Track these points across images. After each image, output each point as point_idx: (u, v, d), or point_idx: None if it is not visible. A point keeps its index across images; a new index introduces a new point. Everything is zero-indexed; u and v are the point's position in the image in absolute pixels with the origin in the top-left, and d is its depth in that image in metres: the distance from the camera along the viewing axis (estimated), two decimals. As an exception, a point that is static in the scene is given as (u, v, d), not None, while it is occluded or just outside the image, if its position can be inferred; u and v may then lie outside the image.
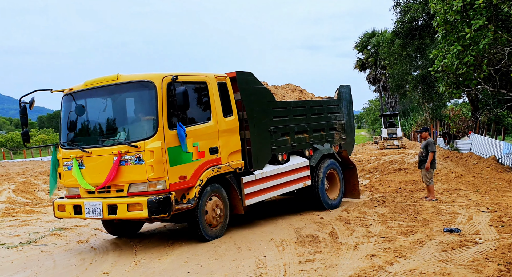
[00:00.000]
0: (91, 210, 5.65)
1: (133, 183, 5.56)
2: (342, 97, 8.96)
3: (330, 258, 5.15)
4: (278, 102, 7.41)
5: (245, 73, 6.83)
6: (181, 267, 5.09)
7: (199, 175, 5.89)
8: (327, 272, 4.65)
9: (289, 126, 7.55)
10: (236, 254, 5.51)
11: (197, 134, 5.93)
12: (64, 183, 6.16)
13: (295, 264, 4.98)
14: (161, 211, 5.37)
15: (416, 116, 33.12)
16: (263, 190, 6.89)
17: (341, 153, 8.59)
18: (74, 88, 6.16)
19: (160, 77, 5.61)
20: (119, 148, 5.55)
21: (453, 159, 14.74)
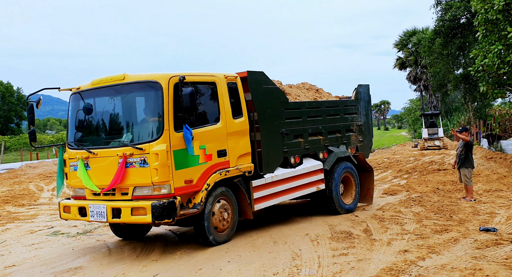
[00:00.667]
0: (96, 213, 5.52)
1: (138, 187, 5.39)
2: (360, 97, 8.57)
3: (363, 252, 5.36)
4: (291, 102, 7.14)
5: (257, 73, 6.61)
6: (222, 257, 5.48)
7: (206, 179, 5.68)
8: (359, 265, 4.87)
9: (303, 127, 7.25)
10: (273, 247, 5.83)
11: (205, 136, 5.72)
12: (70, 184, 6.04)
13: (329, 257, 5.23)
14: (165, 216, 5.20)
15: (459, 116, 32.04)
16: (273, 194, 6.66)
17: (358, 155, 8.24)
18: (82, 87, 6.02)
19: (167, 77, 5.41)
20: (124, 150, 5.37)
21: (496, 160, 14.32)
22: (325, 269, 4.83)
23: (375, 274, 4.54)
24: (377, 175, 13.17)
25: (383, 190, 10.22)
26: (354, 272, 4.67)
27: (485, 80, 10.17)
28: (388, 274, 4.54)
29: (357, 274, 4.61)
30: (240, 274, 4.79)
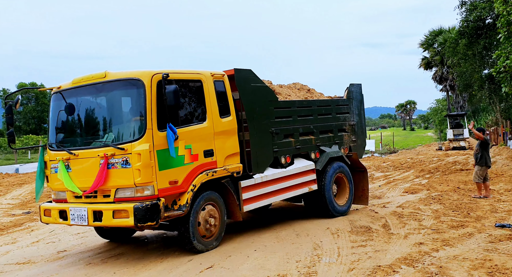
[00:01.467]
0: (76, 216, 5.31)
1: (120, 188, 5.16)
2: (352, 96, 8.41)
3: (381, 244, 5.72)
4: (281, 101, 6.98)
5: (244, 70, 6.42)
6: (249, 246, 5.95)
7: (192, 180, 5.46)
8: (376, 255, 5.26)
9: (293, 127, 7.10)
10: (295, 239, 6.27)
11: (190, 135, 5.51)
12: (51, 187, 5.83)
13: (348, 248, 5.63)
14: (148, 219, 4.99)
15: (486, 116, 31.46)
16: (263, 195, 6.49)
17: (351, 155, 8.09)
18: (63, 86, 5.79)
19: (150, 75, 5.21)
20: (105, 150, 5.16)
21: (521, 160, 14.25)
22: (344, 258, 5.23)
23: (391, 263, 4.91)
24: (399, 174, 13.38)
25: (403, 189, 10.47)
26: (371, 260, 5.06)
27: (507, 81, 10.27)
28: (403, 262, 4.90)
29: (373, 262, 4.99)
30: (266, 261, 5.25)
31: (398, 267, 4.76)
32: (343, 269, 4.83)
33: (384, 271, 4.66)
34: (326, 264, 5.03)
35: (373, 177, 13.15)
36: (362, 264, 4.93)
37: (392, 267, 4.78)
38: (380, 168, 15.46)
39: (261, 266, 5.08)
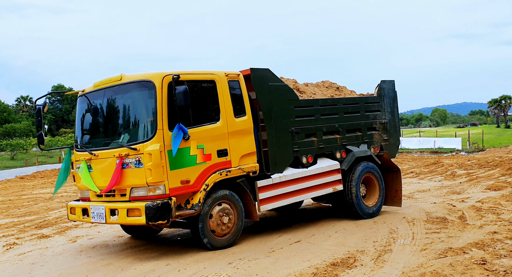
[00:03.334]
0: (96, 214, 5.53)
1: (135, 187, 5.32)
2: (383, 93, 8.09)
3: (454, 232, 6.14)
4: (302, 100, 6.87)
5: (261, 70, 6.38)
6: (330, 229, 6.72)
7: (205, 179, 5.52)
8: (449, 240, 5.72)
9: (316, 126, 6.96)
10: (373, 225, 6.90)
11: (203, 135, 5.56)
12: (77, 186, 6.10)
13: (422, 234, 6.15)
14: (159, 218, 5.11)
15: None
16: (282, 195, 6.44)
17: (382, 155, 7.86)
18: (86, 90, 6.05)
19: (161, 76, 5.33)
20: (120, 150, 5.35)
21: None
22: (418, 240, 5.78)
23: (462, 246, 5.37)
24: (483, 172, 13.05)
25: (486, 186, 10.37)
26: (443, 244, 5.55)
27: None
28: (474, 246, 5.33)
29: (445, 245, 5.48)
30: (345, 240, 6.00)
31: (468, 250, 5.21)
32: (416, 249, 5.40)
33: (454, 252, 5.15)
34: (400, 244, 5.64)
35: (455, 175, 13.03)
36: (434, 246, 5.45)
37: (463, 249, 5.23)
38: (463, 166, 15.09)
39: (342, 243, 5.84)
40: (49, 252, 6.26)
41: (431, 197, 9.24)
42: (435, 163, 16.56)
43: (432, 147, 27.92)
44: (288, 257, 5.33)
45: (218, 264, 5.16)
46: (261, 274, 4.73)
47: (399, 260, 5.01)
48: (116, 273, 5.10)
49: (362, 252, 5.39)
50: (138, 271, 5.12)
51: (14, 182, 16.67)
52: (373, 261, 5.02)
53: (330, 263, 4.95)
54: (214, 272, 4.86)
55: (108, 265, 5.46)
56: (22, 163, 26.31)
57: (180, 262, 5.34)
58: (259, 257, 5.37)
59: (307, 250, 5.57)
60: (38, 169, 19.72)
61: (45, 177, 17.86)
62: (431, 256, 5.03)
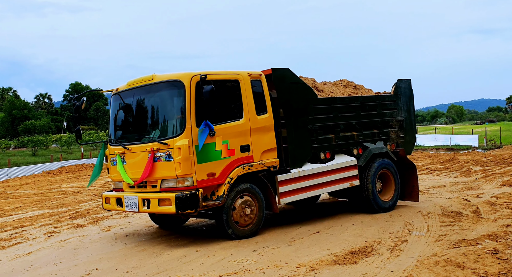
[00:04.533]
0: (130, 204, 5.92)
1: (165, 179, 5.71)
2: (400, 92, 8.38)
3: (468, 225, 6.40)
4: (320, 99, 7.18)
5: (282, 69, 6.73)
6: (347, 221, 7.05)
7: (229, 173, 5.89)
8: (463, 232, 5.99)
9: (334, 123, 7.27)
10: (389, 218, 7.19)
11: (227, 132, 5.93)
12: (111, 178, 6.55)
13: (437, 226, 6.42)
14: (188, 207, 5.49)
15: None
16: (301, 189, 6.75)
17: (398, 152, 8.10)
18: (120, 89, 6.44)
19: (189, 76, 5.70)
20: (152, 145, 5.73)
21: None
22: (433, 232, 6.07)
23: (476, 237, 5.64)
24: (499, 169, 13.16)
25: (501, 182, 10.53)
26: (457, 235, 5.83)
27: None
28: (487, 238, 5.59)
29: (459, 236, 5.75)
30: (363, 231, 6.32)
31: (481, 241, 5.47)
32: (431, 240, 5.70)
33: (468, 242, 5.42)
34: (416, 236, 5.94)
35: (470, 171, 13.17)
36: (449, 237, 5.74)
37: (476, 240, 5.51)
38: (479, 162, 15.19)
39: (359, 234, 6.17)
40: (87, 240, 6.75)
41: (446, 193, 9.47)
42: (450, 159, 16.67)
43: (448, 144, 27.82)
44: (308, 246, 5.69)
45: (243, 251, 5.55)
46: (284, 260, 5.09)
47: (414, 249, 5.30)
48: (151, 258, 5.53)
49: (379, 242, 5.71)
50: (171, 256, 5.54)
51: (41, 177, 17.42)
52: (389, 250, 5.34)
53: (349, 252, 5.29)
54: (240, 258, 5.25)
55: (143, 250, 5.90)
56: (44, 159, 27.20)
57: (208, 249, 5.75)
58: (281, 245, 5.74)
59: (326, 240, 5.91)
60: (62, 164, 20.46)
61: (70, 172, 18.59)
62: (445, 246, 5.32)
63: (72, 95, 69.11)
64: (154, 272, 4.95)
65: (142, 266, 5.21)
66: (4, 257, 6.06)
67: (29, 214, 9.30)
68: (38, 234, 7.32)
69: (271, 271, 4.75)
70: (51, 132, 49.68)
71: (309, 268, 4.77)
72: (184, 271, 4.90)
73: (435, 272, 4.43)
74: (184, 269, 4.97)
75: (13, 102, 56.61)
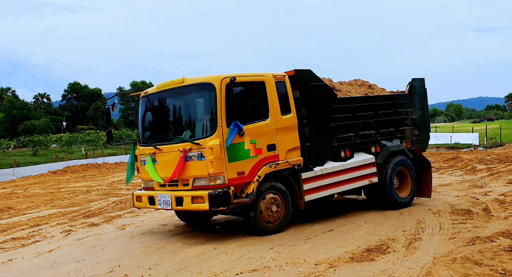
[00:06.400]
0: (162, 202, 6.10)
1: (197, 178, 5.90)
2: (414, 91, 8.58)
3: (480, 223, 6.50)
4: (339, 98, 7.36)
5: (304, 71, 6.92)
6: (359, 220, 7.14)
7: (257, 171, 6.08)
8: (475, 229, 6.09)
9: (352, 122, 7.46)
10: (399, 216, 7.29)
11: (255, 131, 6.11)
12: (141, 177, 6.70)
13: (449, 224, 6.52)
14: (221, 204, 5.68)
15: None
16: (323, 186, 6.95)
17: (413, 149, 8.31)
18: (149, 91, 6.65)
19: (219, 79, 5.90)
20: (184, 145, 5.93)
21: None
22: (445, 230, 6.17)
23: (489, 235, 5.73)
24: (504, 167, 13.27)
25: (508, 180, 10.63)
26: (470, 233, 5.93)
27: None
28: (500, 235, 5.69)
29: (472, 234, 5.85)
30: (376, 229, 6.42)
31: (495, 238, 5.57)
32: (445, 238, 5.79)
33: (482, 240, 5.52)
34: (429, 234, 6.04)
35: (475, 169, 13.28)
36: (462, 235, 5.83)
37: (490, 238, 5.60)
38: (483, 161, 15.30)
39: (373, 232, 6.26)
40: (104, 238, 6.84)
41: (454, 191, 9.57)
42: (454, 158, 16.78)
43: (448, 143, 27.94)
44: (324, 243, 5.78)
45: (260, 249, 5.64)
46: (302, 258, 5.18)
47: (429, 247, 5.40)
48: (170, 255, 5.62)
49: (393, 240, 5.80)
50: (189, 253, 5.64)
51: (48, 177, 17.48)
52: (404, 248, 5.43)
53: (365, 249, 5.38)
54: (259, 255, 5.34)
55: (161, 248, 5.99)
56: (45, 158, 27.25)
57: (225, 246, 5.84)
58: (297, 243, 5.83)
59: (341, 238, 6.01)
60: (67, 164, 20.52)
61: (75, 172, 18.66)
62: (459, 244, 5.42)
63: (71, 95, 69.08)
64: (175, 269, 5.04)
65: (163, 263, 5.30)
66: (26, 254, 6.15)
67: (42, 213, 9.38)
68: (54, 233, 7.42)
69: (290, 268, 4.84)
70: (51, 132, 49.66)
71: (327, 265, 4.86)
72: (204, 268, 4.99)
73: (453, 269, 4.52)
74: (205, 266, 5.06)
75: (12, 102, 56.58)
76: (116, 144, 8.08)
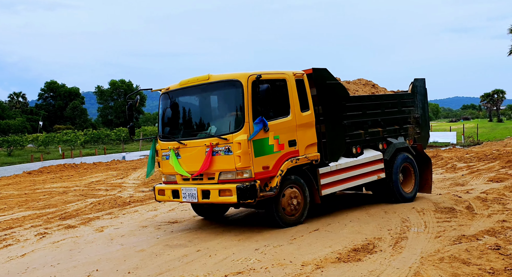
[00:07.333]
0: (188, 195, 6.23)
1: (223, 172, 6.05)
2: (416, 90, 8.93)
3: (464, 221, 6.49)
4: (352, 97, 7.66)
5: (321, 69, 7.17)
6: (344, 219, 7.05)
7: (280, 166, 6.27)
8: (460, 228, 6.07)
9: (363, 120, 7.76)
10: (384, 215, 7.23)
11: (278, 127, 6.30)
12: (163, 171, 6.77)
13: (434, 222, 6.49)
14: (248, 197, 5.85)
15: None
16: (338, 181, 7.21)
17: (416, 146, 8.65)
18: (171, 88, 6.73)
19: (246, 76, 6.04)
20: (211, 140, 6.07)
21: None
22: (431, 228, 6.13)
23: (474, 233, 5.72)
24: (483, 165, 13.47)
25: (488, 178, 10.76)
26: (455, 231, 5.90)
27: None
28: (485, 233, 5.68)
29: (458, 232, 5.83)
30: (361, 228, 6.33)
31: (481, 236, 5.56)
32: (431, 236, 5.75)
33: (468, 238, 5.50)
34: (414, 232, 5.99)
35: (455, 167, 13.43)
36: (448, 234, 5.80)
37: (476, 236, 5.58)
38: (463, 159, 15.52)
39: (358, 231, 6.18)
40: (82, 240, 6.55)
41: (436, 189, 9.60)
42: (434, 156, 16.97)
43: (428, 141, 28.32)
44: (310, 243, 5.65)
45: (245, 250, 5.48)
46: (288, 259, 5.04)
47: (416, 246, 5.34)
48: (151, 258, 5.40)
49: (379, 239, 5.72)
50: (171, 256, 5.42)
51: (22, 177, 16.83)
52: (391, 247, 5.35)
53: (352, 249, 5.28)
54: (244, 257, 5.18)
55: (141, 251, 5.76)
56: (20, 159, 26.37)
57: (208, 248, 5.65)
58: (283, 243, 5.69)
59: (327, 238, 5.90)
60: (43, 164, 19.87)
61: (52, 172, 18.04)
62: (446, 243, 5.38)
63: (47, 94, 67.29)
64: (156, 273, 4.83)
65: (143, 267, 5.08)
66: (-4, 259, 5.83)
67: (16, 215, 8.96)
68: (28, 236, 7.07)
69: (276, 269, 4.70)
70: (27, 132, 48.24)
71: (314, 266, 4.74)
72: (187, 271, 4.80)
73: (441, 268, 4.46)
74: (187, 269, 4.87)
75: (-14, 102, 54.71)
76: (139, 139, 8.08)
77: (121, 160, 21.95)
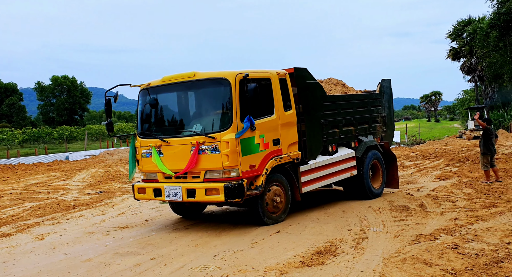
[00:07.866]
0: (171, 194, 6.15)
1: (209, 170, 6.00)
2: (383, 91, 9.31)
3: (420, 219, 6.60)
4: (329, 96, 7.86)
5: (302, 69, 7.26)
6: (304, 219, 6.92)
7: (265, 164, 6.33)
8: (417, 227, 6.15)
9: (338, 119, 8.01)
10: (343, 214, 7.21)
11: (263, 126, 6.32)
12: (142, 169, 6.62)
13: (391, 221, 6.54)
14: (236, 196, 5.85)
15: (516, 108, 31.31)
16: (317, 178, 7.38)
17: (383, 144, 9.03)
18: (152, 84, 6.56)
19: (234, 75, 6.03)
20: (197, 138, 5.99)
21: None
22: (389, 228, 6.15)
23: (431, 232, 5.80)
24: (429, 163, 14.07)
25: (435, 175, 11.22)
26: (413, 230, 5.96)
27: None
28: (441, 232, 5.78)
29: (415, 231, 5.88)
30: (322, 229, 6.23)
31: (438, 235, 5.64)
32: (390, 236, 5.75)
33: (426, 237, 5.55)
34: (374, 232, 5.97)
35: (404, 166, 13.90)
36: (406, 233, 5.84)
37: (433, 235, 5.66)
38: (409, 157, 16.14)
39: (319, 232, 6.06)
40: (18, 250, 5.89)
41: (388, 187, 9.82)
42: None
43: (373, 140, 29.37)
44: (272, 247, 5.44)
45: (203, 256, 5.16)
46: (250, 265, 4.79)
47: (376, 246, 5.30)
48: (99, 269, 4.91)
49: (340, 240, 5.63)
50: (122, 265, 4.98)
51: None
52: (353, 248, 5.27)
53: (314, 252, 5.13)
54: (203, 265, 4.85)
55: (88, 261, 5.25)
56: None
57: (164, 256, 5.26)
58: (243, 248, 5.43)
59: (288, 240, 5.72)
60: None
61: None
62: (405, 242, 5.39)
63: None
64: (106, 287, 4.37)
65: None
66: None
67: None
68: (-47, 248, 6.22)
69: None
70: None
71: (278, 272, 4.52)
72: (141, 283, 4.39)
73: (405, 270, 4.41)
74: (141, 281, 4.46)
75: None
76: (116, 136, 7.52)
77: (64, 160, 20.57)
